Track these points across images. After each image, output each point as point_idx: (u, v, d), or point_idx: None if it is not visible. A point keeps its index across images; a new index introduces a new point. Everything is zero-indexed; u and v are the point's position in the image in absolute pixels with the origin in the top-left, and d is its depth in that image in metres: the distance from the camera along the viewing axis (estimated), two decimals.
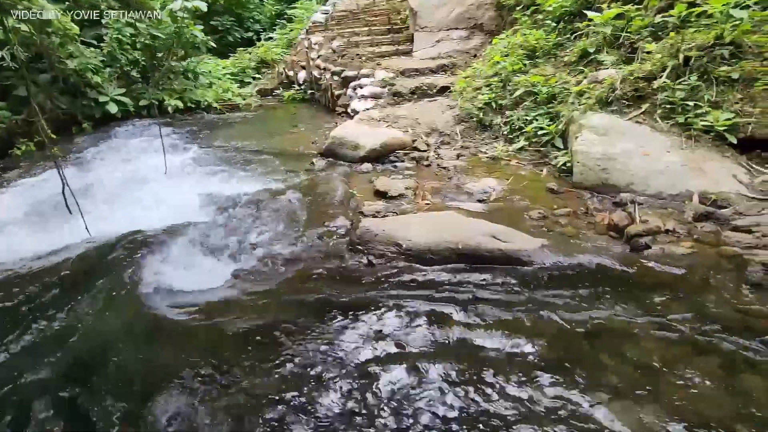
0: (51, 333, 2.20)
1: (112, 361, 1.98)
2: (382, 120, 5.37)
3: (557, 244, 2.56)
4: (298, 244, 2.86)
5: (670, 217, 2.83)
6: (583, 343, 1.87)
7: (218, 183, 4.42)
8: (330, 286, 2.36)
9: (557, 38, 5.21)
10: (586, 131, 3.65)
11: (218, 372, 1.83)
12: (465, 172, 4.01)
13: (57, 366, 1.97)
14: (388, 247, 2.54)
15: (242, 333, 2.06)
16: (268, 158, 5.21)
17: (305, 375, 1.78)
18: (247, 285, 2.47)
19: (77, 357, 2.03)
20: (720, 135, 3.28)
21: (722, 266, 2.29)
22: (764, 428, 1.50)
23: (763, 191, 2.94)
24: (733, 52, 3.53)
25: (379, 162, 4.49)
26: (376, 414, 1.61)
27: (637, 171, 3.28)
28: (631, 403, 1.60)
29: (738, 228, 2.61)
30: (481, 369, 1.77)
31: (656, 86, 3.66)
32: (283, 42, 11.00)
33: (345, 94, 7.10)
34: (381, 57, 7.39)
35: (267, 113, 7.96)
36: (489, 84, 5.20)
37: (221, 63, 10.10)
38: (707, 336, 1.86)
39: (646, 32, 4.23)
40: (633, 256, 2.47)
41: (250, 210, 3.50)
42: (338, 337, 1.98)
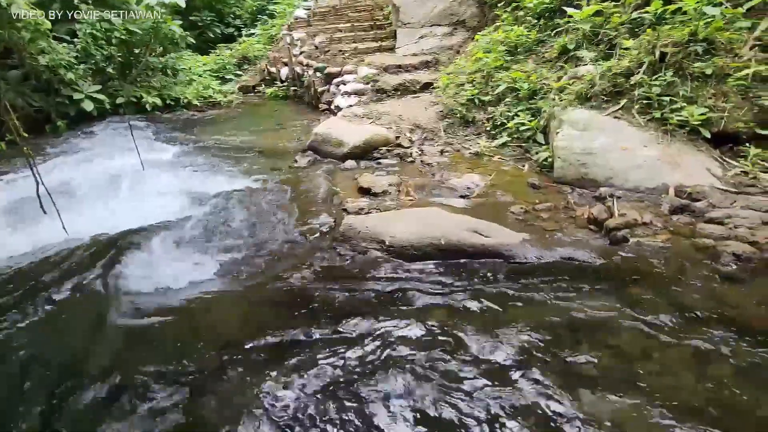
0: (20, 336, 2.13)
1: (82, 364, 1.93)
2: (365, 116, 5.35)
3: (538, 238, 2.59)
4: (281, 241, 2.83)
5: (647, 210, 2.89)
6: (563, 334, 1.90)
7: (198, 181, 4.34)
8: (313, 283, 2.35)
9: (538, 35, 5.26)
10: (566, 127, 3.70)
11: (190, 375, 1.79)
12: (448, 168, 4.03)
13: (25, 370, 1.91)
14: (371, 243, 2.53)
15: (220, 333, 2.03)
16: (250, 156, 5.14)
17: (283, 378, 1.76)
18: (226, 284, 2.43)
19: (48, 358, 1.97)
20: (695, 129, 3.37)
21: (696, 257, 2.35)
22: (735, 414, 1.54)
23: (734, 184, 3.03)
24: (706, 49, 3.62)
25: (362, 159, 4.48)
26: (355, 410, 1.61)
27: (615, 165, 3.34)
28: (609, 392, 1.64)
29: (712, 220, 2.68)
30: (463, 362, 1.78)
31: (633, 82, 3.73)
32: (265, 38, 10.84)
33: (328, 90, 7.04)
34: (364, 53, 7.36)
35: (249, 110, 7.85)
36: (472, 80, 5.23)
37: (201, 59, 9.90)
38: (681, 325, 1.91)
39: (624, 29, 4.30)
40: (612, 248, 2.52)
41: (231, 208, 3.45)
42: (319, 335, 1.96)
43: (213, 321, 2.14)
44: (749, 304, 2.01)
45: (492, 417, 1.56)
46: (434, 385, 1.69)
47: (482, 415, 1.56)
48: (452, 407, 1.59)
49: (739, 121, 3.31)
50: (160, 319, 2.18)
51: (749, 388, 1.63)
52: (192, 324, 2.13)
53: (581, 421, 1.53)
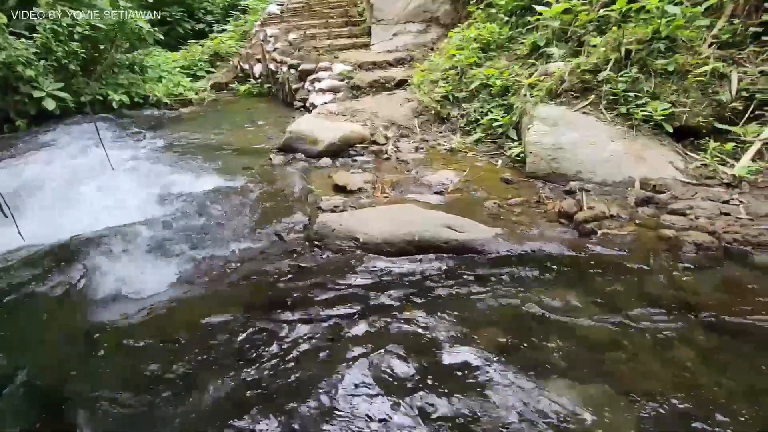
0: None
1: (37, 375, 1.85)
2: (340, 114, 5.32)
3: (510, 232, 2.63)
4: (254, 241, 2.78)
5: (614, 203, 2.98)
6: (533, 326, 1.94)
7: (168, 181, 4.21)
8: (286, 283, 2.32)
9: (510, 32, 5.33)
10: (537, 122, 3.77)
11: (153, 383, 1.74)
12: (423, 164, 4.05)
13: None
14: (345, 241, 2.52)
15: (187, 338, 1.98)
16: (222, 154, 5.03)
17: (254, 383, 1.72)
18: (197, 286, 2.38)
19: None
20: (658, 124, 3.49)
21: (660, 247, 2.44)
22: (696, 397, 1.61)
23: (695, 176, 3.16)
24: (668, 46, 3.75)
25: (338, 156, 4.45)
26: (328, 410, 1.60)
27: (584, 160, 3.43)
28: (577, 381, 1.68)
29: (674, 211, 2.79)
30: (436, 357, 1.79)
31: (601, 78, 3.83)
32: (238, 34, 10.60)
33: (303, 87, 6.96)
34: (339, 50, 7.30)
35: (222, 108, 7.67)
36: (446, 77, 5.26)
37: (171, 56, 9.61)
38: (646, 313, 1.98)
39: (592, 26, 4.41)
40: (581, 241, 2.58)
41: (202, 208, 3.36)
42: (293, 336, 1.94)
43: (181, 326, 2.08)
44: (708, 291, 2.10)
45: (463, 410, 1.58)
46: (408, 380, 1.69)
47: (453, 408, 1.58)
48: (424, 402, 1.60)
49: (699, 116, 3.45)
50: (124, 326, 2.11)
51: (709, 371, 1.71)
52: (158, 330, 2.07)
53: (551, 411, 1.56)
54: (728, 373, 1.70)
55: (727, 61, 3.64)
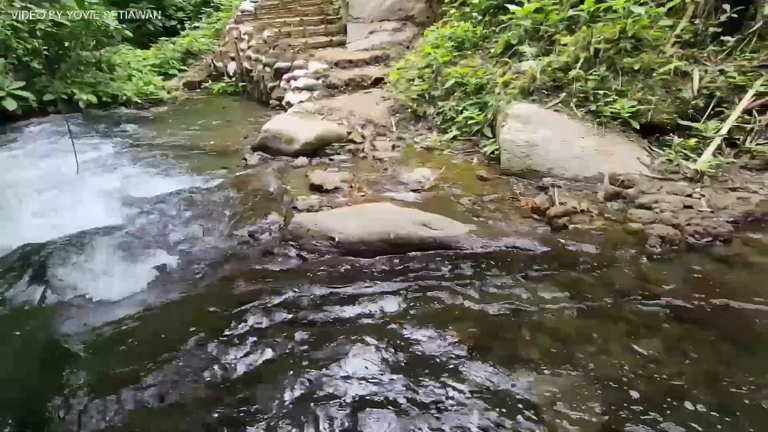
0: None
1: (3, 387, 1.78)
2: (317, 112, 5.28)
3: (485, 229, 2.67)
4: (228, 243, 2.73)
5: (584, 199, 3.05)
6: (506, 320, 1.97)
7: (139, 183, 4.10)
8: (260, 285, 2.28)
9: (483, 30, 5.40)
10: (511, 120, 3.83)
11: (123, 395, 1.69)
12: (400, 162, 4.06)
13: None
14: (320, 241, 2.50)
15: (157, 345, 1.93)
16: (195, 154, 4.92)
17: (228, 389, 1.69)
18: (169, 291, 2.32)
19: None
20: (626, 121, 3.59)
21: (627, 241, 2.52)
22: (662, 384, 1.67)
23: (661, 171, 3.27)
24: (634, 45, 3.87)
25: (314, 155, 4.41)
26: (304, 408, 1.59)
27: (556, 156, 3.50)
28: (549, 373, 1.72)
29: (641, 205, 2.88)
30: (411, 354, 1.80)
31: (571, 77, 3.92)
32: (211, 32, 10.40)
33: (278, 86, 6.88)
34: (314, 48, 7.24)
35: (195, 107, 7.50)
36: (421, 75, 5.28)
37: (141, 54, 9.34)
38: (614, 305, 2.04)
39: (562, 26, 4.51)
40: (553, 236, 2.64)
41: (175, 210, 3.28)
42: (268, 339, 1.91)
43: (149, 333, 2.02)
44: (672, 282, 2.18)
45: (437, 403, 1.59)
46: (382, 378, 1.70)
47: (428, 402, 1.59)
48: (399, 398, 1.61)
49: (663, 113, 3.57)
50: (92, 334, 2.04)
51: (673, 359, 1.77)
52: (127, 338, 2.01)
53: (523, 404, 1.59)
54: (691, 361, 1.77)
55: (689, 60, 3.78)
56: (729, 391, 1.62)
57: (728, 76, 3.58)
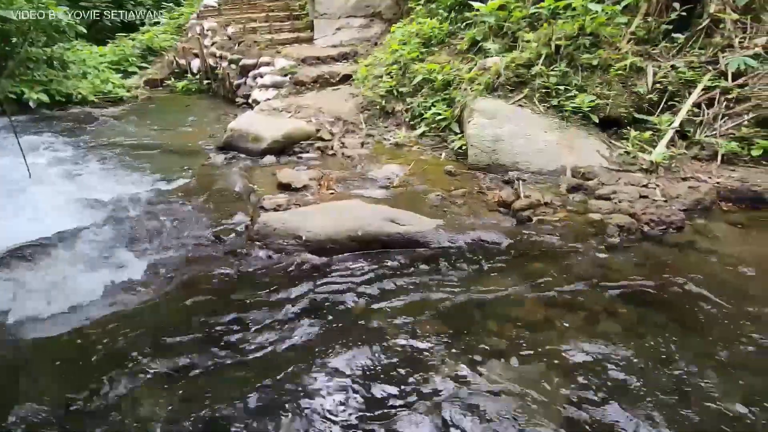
0: None
1: None
2: (284, 110, 5.19)
3: (452, 223, 2.70)
4: (192, 245, 2.65)
5: (548, 191, 3.15)
6: (473, 312, 2.01)
7: (97, 186, 3.91)
8: (225, 287, 2.23)
9: (450, 27, 5.45)
10: (477, 115, 3.89)
11: (80, 401, 1.62)
12: (369, 159, 4.05)
13: None
14: (287, 240, 2.47)
15: (116, 353, 1.85)
16: (158, 155, 4.75)
17: (192, 396, 1.65)
18: (130, 298, 2.22)
19: None
20: (586, 115, 3.72)
21: (588, 231, 2.62)
22: (620, 366, 1.74)
23: (619, 163, 3.40)
24: (592, 42, 4.00)
25: (282, 154, 4.34)
26: (278, 409, 1.57)
27: (521, 151, 3.59)
28: (515, 361, 1.76)
29: (601, 196, 2.99)
30: (381, 350, 1.81)
31: (534, 72, 4.02)
32: (172, 27, 10.02)
33: (245, 83, 6.73)
34: (281, 44, 7.11)
35: (157, 106, 7.22)
36: (389, 72, 5.28)
37: (98, 50, 8.89)
38: (575, 293, 2.11)
39: (525, 22, 4.61)
40: (518, 228, 2.71)
41: (135, 214, 3.16)
42: (234, 342, 1.87)
43: (111, 340, 1.94)
44: (629, 269, 2.28)
45: (409, 396, 1.60)
46: (353, 375, 1.69)
47: (400, 395, 1.60)
48: (371, 394, 1.61)
49: (621, 107, 3.72)
50: (50, 343, 1.94)
51: (630, 341, 1.85)
52: (86, 347, 1.91)
53: (491, 393, 1.62)
54: (647, 344, 1.85)
55: (643, 56, 3.95)
56: (681, 370, 1.70)
57: (679, 71, 3.76)
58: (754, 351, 1.78)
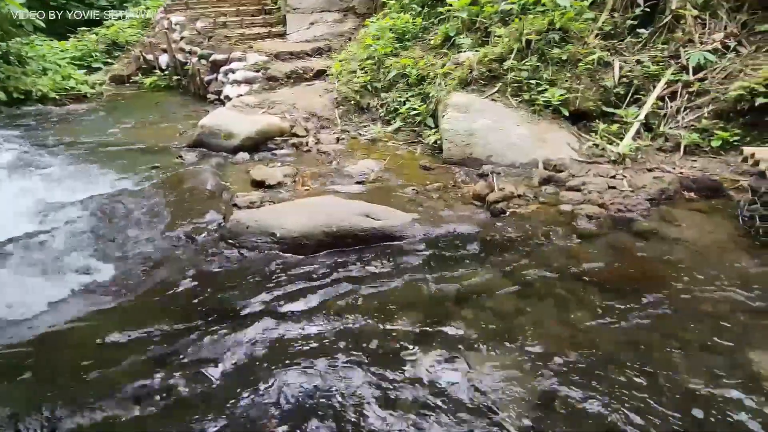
0: None
1: None
2: (257, 106, 5.09)
3: (428, 217, 2.72)
4: (162, 246, 2.58)
5: (521, 184, 3.20)
6: (449, 303, 2.03)
7: (62, 186, 3.74)
8: (198, 287, 2.18)
9: (423, 22, 5.46)
10: (451, 110, 3.92)
11: (44, 410, 1.55)
12: (345, 155, 4.03)
13: None
14: (261, 237, 2.42)
15: (84, 360, 1.78)
16: (126, 154, 4.58)
17: (160, 403, 1.60)
18: (96, 303, 2.14)
19: None
20: (556, 109, 3.80)
21: (559, 221, 2.68)
22: (590, 351, 1.79)
23: (588, 155, 3.49)
24: (562, 37, 4.08)
25: (256, 150, 4.27)
26: (254, 410, 1.54)
27: (494, 144, 3.63)
28: (490, 351, 1.79)
29: (571, 188, 3.06)
30: (356, 346, 1.80)
31: (506, 67, 4.07)
32: (138, 22, 9.66)
33: (216, 79, 6.56)
34: (253, 39, 6.97)
35: (124, 103, 6.96)
36: (364, 67, 5.25)
37: (60, 45, 8.50)
38: (547, 282, 2.16)
39: (497, 18, 4.65)
40: (492, 220, 2.75)
41: (102, 214, 3.04)
42: (206, 344, 1.83)
43: (74, 347, 1.87)
44: (598, 257, 2.35)
45: (386, 391, 1.60)
46: (329, 372, 1.68)
47: (377, 390, 1.60)
48: (347, 389, 1.60)
49: (589, 101, 3.82)
50: (10, 352, 1.85)
51: (600, 327, 1.91)
52: (49, 354, 1.84)
53: (467, 382, 1.64)
54: (615, 329, 1.91)
55: (610, 50, 4.05)
56: (649, 354, 1.77)
57: (644, 65, 3.88)
58: (715, 330, 1.86)
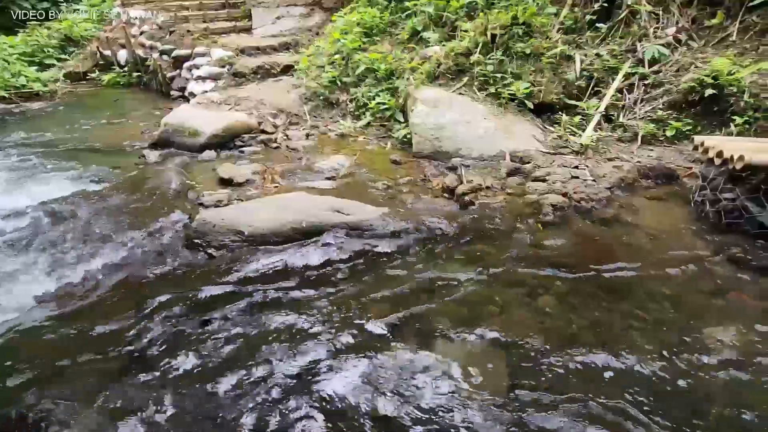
0: None
1: None
2: (223, 103, 4.96)
3: (398, 210, 2.73)
4: (124, 248, 2.48)
5: (489, 176, 3.26)
6: (419, 295, 2.06)
7: (13, 190, 3.54)
8: (161, 289, 2.11)
9: (390, 17, 5.45)
10: (420, 104, 3.94)
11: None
12: (314, 151, 3.99)
13: None
14: (228, 236, 2.38)
15: (42, 369, 1.71)
16: (84, 155, 4.37)
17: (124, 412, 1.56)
18: (55, 310, 2.05)
19: None
20: (522, 102, 3.88)
21: (526, 211, 2.75)
22: (555, 335, 1.85)
23: (552, 147, 3.59)
24: (525, 31, 4.17)
25: (223, 148, 4.17)
26: (224, 412, 1.52)
27: (463, 137, 3.68)
28: (460, 339, 1.82)
29: (537, 178, 3.14)
30: (329, 340, 1.80)
31: (472, 61, 4.12)
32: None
33: (179, 75, 6.35)
34: (217, 34, 6.76)
35: (81, 101, 6.64)
36: (332, 62, 5.20)
37: (7, 41, 7.99)
38: (514, 270, 2.22)
39: (462, 12, 4.70)
40: (461, 212, 2.79)
41: (58, 218, 2.89)
42: (175, 346, 1.79)
43: (30, 357, 1.78)
44: (562, 244, 2.43)
45: (359, 383, 1.61)
46: (299, 363, 1.68)
47: (349, 384, 1.61)
48: (319, 381, 1.60)
49: (552, 93, 3.92)
50: None
51: (564, 312, 1.98)
52: (3, 364, 1.75)
53: (437, 371, 1.68)
54: (579, 312, 1.99)
55: (571, 44, 4.17)
56: (610, 334, 1.85)
57: (603, 59, 4.02)
58: (669, 308, 1.96)
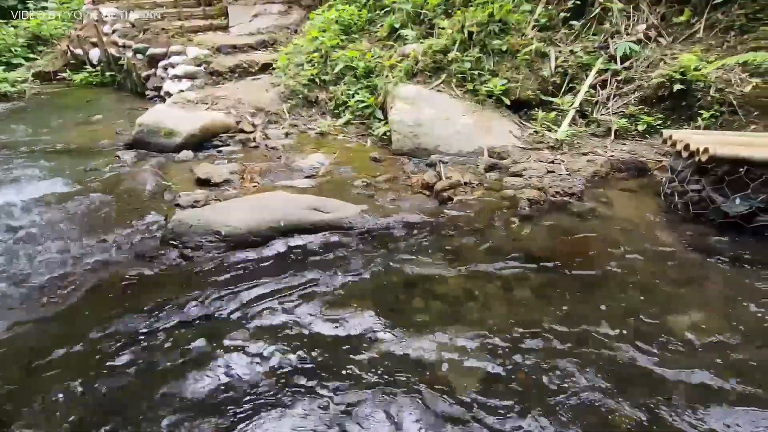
0: None
1: None
2: (200, 102, 4.88)
3: (377, 207, 2.74)
4: (98, 252, 2.42)
5: (468, 172, 3.30)
6: (399, 291, 2.07)
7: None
8: (136, 290, 2.07)
9: (368, 14, 5.44)
10: (399, 101, 3.96)
11: None
12: (294, 150, 3.96)
13: None
14: (205, 237, 2.34)
15: (15, 380, 1.66)
16: (56, 157, 4.23)
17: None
18: (21, 317, 1.98)
19: None
20: (499, 98, 3.94)
21: (503, 206, 2.79)
22: (532, 326, 1.89)
23: (529, 142, 3.66)
24: (501, 28, 4.22)
25: (200, 148, 4.10)
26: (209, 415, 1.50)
27: (441, 134, 3.72)
28: (440, 333, 1.84)
29: (514, 173, 3.20)
30: (311, 338, 1.80)
31: (450, 58, 4.16)
32: (64, 13, 8.91)
33: (155, 74, 6.21)
34: (193, 32, 6.64)
35: (52, 102, 6.43)
36: (311, 60, 5.17)
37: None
38: (492, 264, 2.25)
39: (440, 10, 4.73)
40: (440, 208, 2.82)
41: (29, 221, 2.81)
42: (145, 350, 1.76)
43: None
44: (538, 237, 2.48)
45: (342, 378, 1.62)
46: (289, 365, 1.67)
47: (333, 381, 1.61)
48: (297, 377, 1.60)
49: (528, 90, 3.99)
50: None
51: (540, 304, 2.02)
52: None
53: (422, 365, 1.69)
54: (554, 304, 2.03)
55: (546, 42, 4.25)
56: (583, 324, 1.90)
57: (577, 55, 4.11)
58: (642, 299, 2.02)
